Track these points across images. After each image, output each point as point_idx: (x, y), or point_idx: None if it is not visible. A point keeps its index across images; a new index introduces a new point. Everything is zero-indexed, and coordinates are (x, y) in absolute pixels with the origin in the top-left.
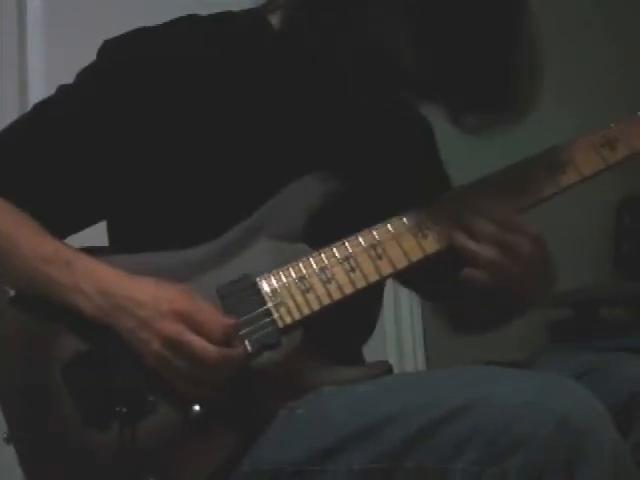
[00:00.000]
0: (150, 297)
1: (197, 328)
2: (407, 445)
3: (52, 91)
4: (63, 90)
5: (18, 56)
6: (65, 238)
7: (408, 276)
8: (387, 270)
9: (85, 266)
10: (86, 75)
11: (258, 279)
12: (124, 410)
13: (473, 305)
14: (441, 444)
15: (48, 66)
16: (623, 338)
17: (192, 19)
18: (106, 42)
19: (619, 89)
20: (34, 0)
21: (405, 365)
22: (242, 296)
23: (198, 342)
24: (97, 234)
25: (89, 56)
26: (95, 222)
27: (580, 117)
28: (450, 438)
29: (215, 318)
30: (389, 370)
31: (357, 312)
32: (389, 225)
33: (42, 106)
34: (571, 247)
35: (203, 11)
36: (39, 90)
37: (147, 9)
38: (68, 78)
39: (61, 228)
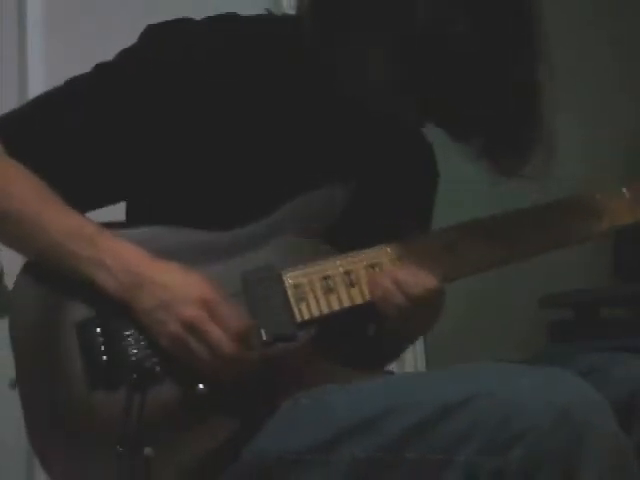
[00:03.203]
0: (176, 281)
1: (218, 319)
2: (407, 437)
3: None
4: (101, 67)
5: (18, 56)
6: (84, 214)
7: None
8: None
9: (110, 244)
10: (127, 56)
11: (283, 271)
12: (133, 376)
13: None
14: (442, 437)
15: (48, 66)
16: (623, 338)
17: (233, 18)
18: (150, 27)
19: (620, 88)
20: (34, 0)
21: (405, 365)
22: (266, 285)
23: (216, 332)
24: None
25: (89, 56)
26: (114, 202)
27: (581, 118)
28: (451, 431)
29: (236, 314)
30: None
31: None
32: (417, 239)
33: (76, 81)
34: (571, 248)
35: (202, 10)
36: (39, 90)
37: (147, 9)
38: (68, 78)
39: (81, 203)
